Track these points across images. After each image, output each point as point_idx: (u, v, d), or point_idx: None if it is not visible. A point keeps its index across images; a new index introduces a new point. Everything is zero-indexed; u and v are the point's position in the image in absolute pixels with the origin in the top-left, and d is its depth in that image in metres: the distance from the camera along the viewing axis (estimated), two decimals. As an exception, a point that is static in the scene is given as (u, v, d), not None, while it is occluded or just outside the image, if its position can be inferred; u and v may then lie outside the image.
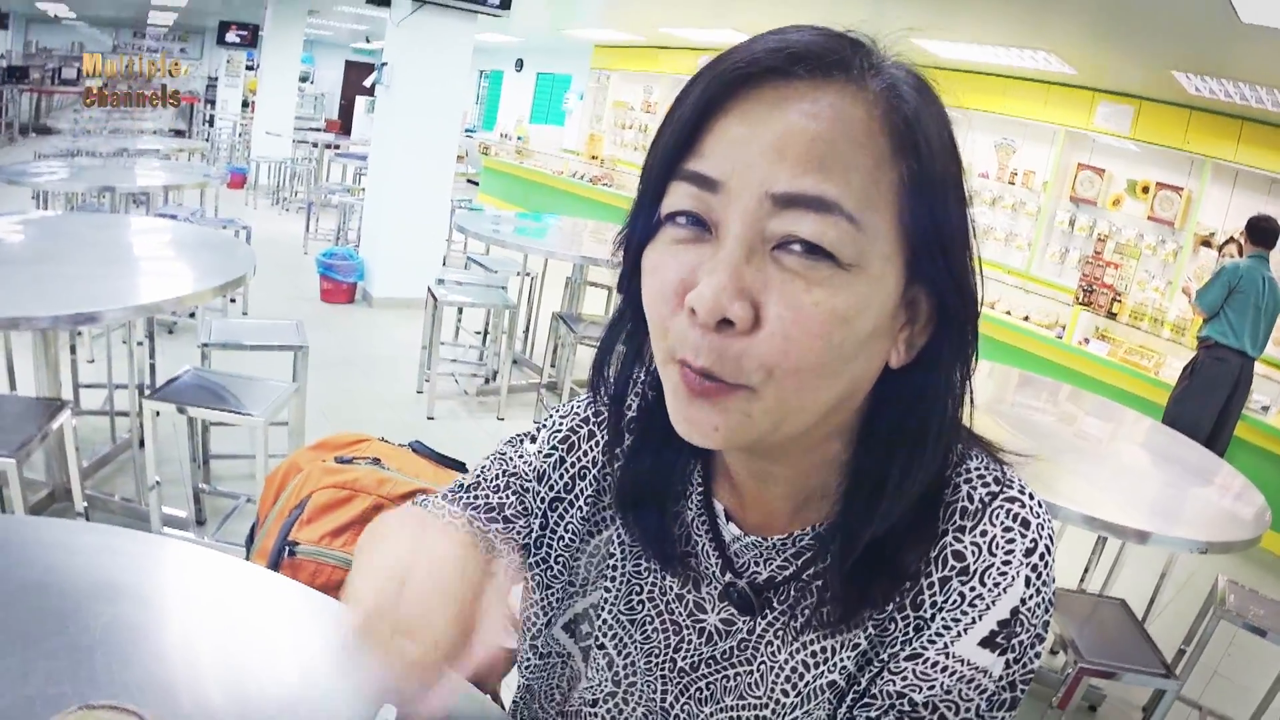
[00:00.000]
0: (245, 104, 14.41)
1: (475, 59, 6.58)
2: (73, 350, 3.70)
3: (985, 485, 0.65)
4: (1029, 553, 0.63)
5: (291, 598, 1.05)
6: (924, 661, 0.63)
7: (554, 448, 0.81)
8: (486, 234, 4.82)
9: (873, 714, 0.64)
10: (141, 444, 3.28)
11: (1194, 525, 2.23)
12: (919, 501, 0.64)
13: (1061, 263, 6.98)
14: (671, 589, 0.76)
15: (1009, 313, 6.45)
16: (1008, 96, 7.12)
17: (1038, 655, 0.64)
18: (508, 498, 0.81)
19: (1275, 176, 5.52)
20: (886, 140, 0.56)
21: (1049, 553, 0.64)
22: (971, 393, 0.65)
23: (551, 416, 0.83)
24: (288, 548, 1.17)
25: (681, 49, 10.53)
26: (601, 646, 0.79)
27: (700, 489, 0.74)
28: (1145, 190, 6.32)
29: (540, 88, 15.84)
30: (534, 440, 0.83)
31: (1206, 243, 5.77)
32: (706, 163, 0.57)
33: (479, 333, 5.60)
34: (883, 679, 0.65)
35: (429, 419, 4.53)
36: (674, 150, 0.59)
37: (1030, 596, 0.63)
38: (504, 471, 0.83)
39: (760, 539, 0.70)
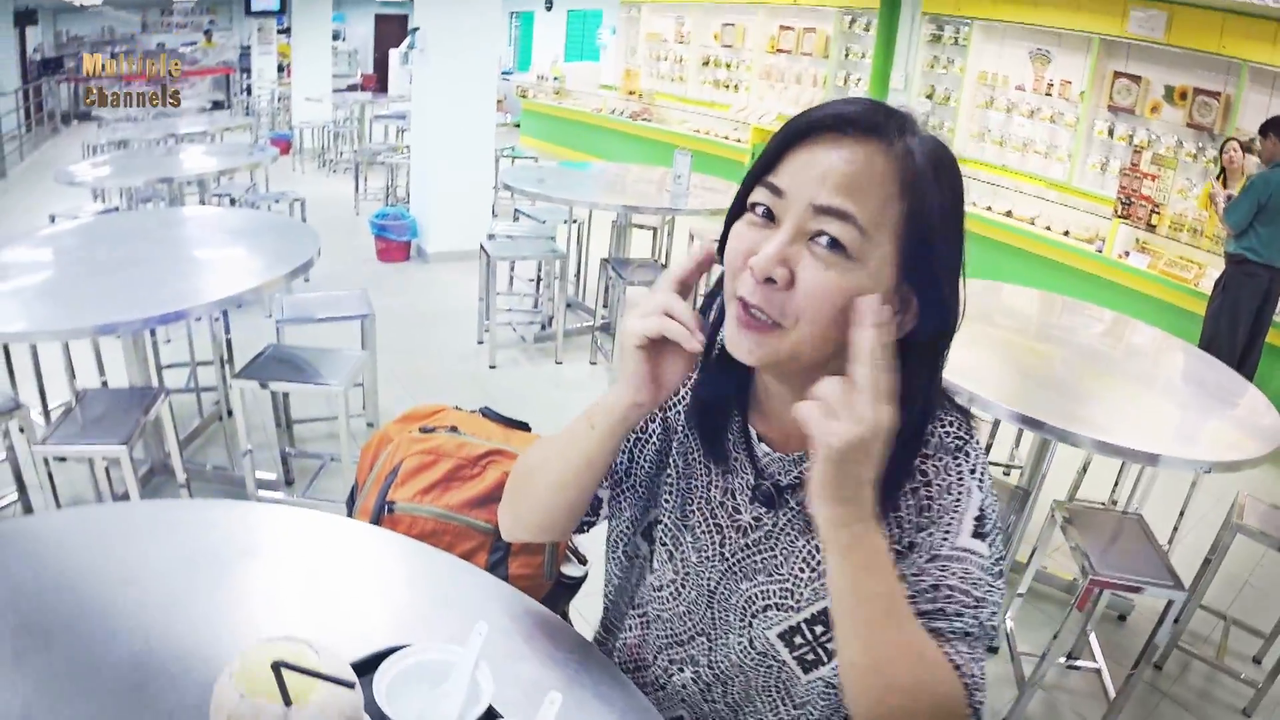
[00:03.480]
0: (280, 69, 14.61)
1: (504, 1, 6.67)
2: (152, 333, 4.00)
3: (943, 426, 0.93)
4: (972, 471, 0.93)
5: (396, 546, 1.31)
6: (939, 558, 0.90)
7: None
8: (532, 189, 4.99)
9: (922, 606, 0.89)
10: (230, 413, 3.59)
11: (1202, 446, 2.34)
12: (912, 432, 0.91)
13: (1102, 173, 6.94)
14: (715, 498, 1.03)
15: (1049, 228, 6.48)
16: (1039, 6, 7.03)
17: (1001, 539, 0.96)
18: None
19: (1315, 76, 5.45)
20: (895, 185, 0.82)
21: (981, 468, 0.94)
22: (944, 365, 0.93)
23: None
24: (387, 506, 1.42)
25: (710, -24, 10.47)
26: (665, 545, 1.07)
27: (739, 419, 1.01)
28: (1183, 96, 6.24)
29: (572, 25, 15.78)
30: None
31: (1246, 148, 5.72)
32: (778, 178, 0.84)
33: (532, 280, 5.82)
34: (914, 580, 0.90)
35: (491, 368, 4.79)
36: (762, 168, 0.87)
37: (984, 499, 0.92)
38: None
39: (783, 455, 0.98)
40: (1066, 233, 6.39)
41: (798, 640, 1.00)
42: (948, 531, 0.90)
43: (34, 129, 12.47)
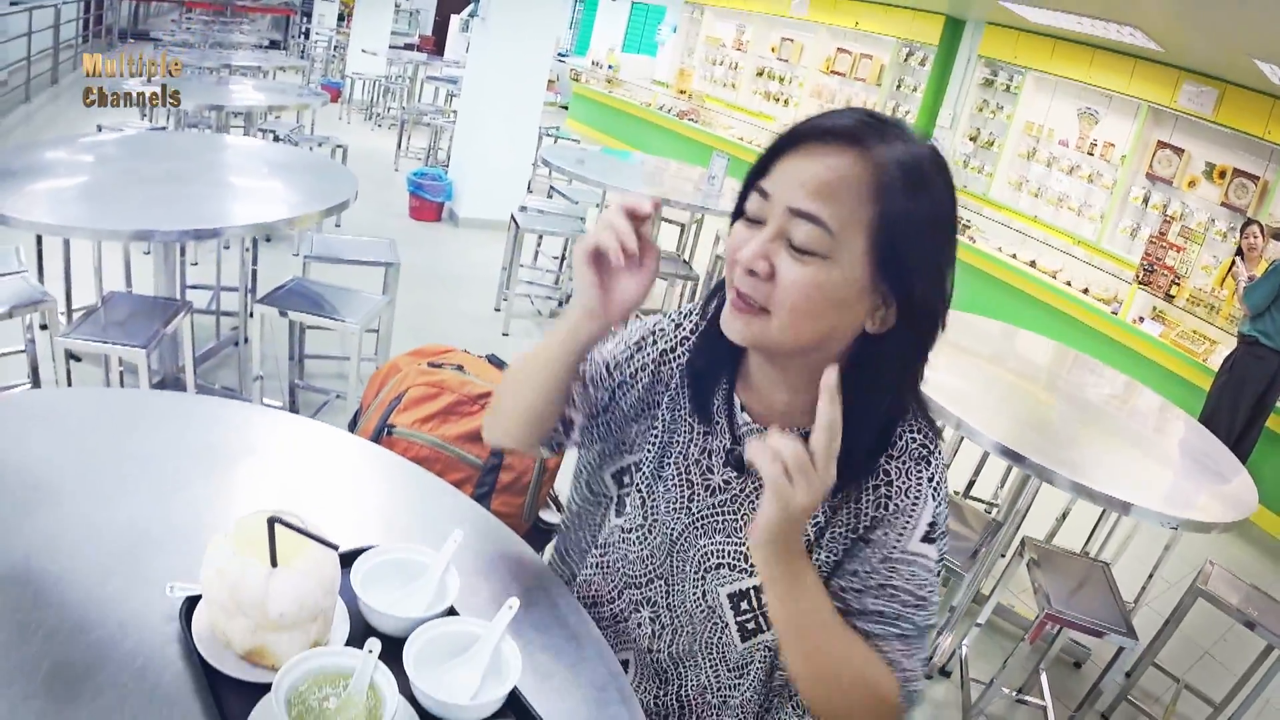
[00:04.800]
0: (341, 18, 14.72)
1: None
2: (182, 252, 4.09)
3: (910, 432, 1.03)
4: (931, 479, 1.03)
5: (389, 462, 1.39)
6: (891, 560, 1.02)
7: (627, 348, 1.18)
8: (569, 168, 5.07)
9: (868, 600, 1.02)
10: (246, 340, 3.69)
11: (1173, 504, 2.38)
12: (881, 430, 1.02)
13: (1132, 238, 6.99)
14: (692, 455, 1.11)
15: (1069, 283, 6.52)
16: (1093, 66, 7.08)
17: (946, 545, 1.07)
18: (592, 371, 1.17)
19: (1355, 172, 5.48)
20: (868, 190, 0.89)
21: (937, 476, 1.04)
22: (924, 368, 1.01)
23: (628, 329, 1.20)
24: (387, 429, 1.51)
25: (773, -11, 10.54)
26: (639, 490, 1.15)
27: (726, 386, 1.10)
28: (1222, 175, 6.29)
29: (634, 18, 15.88)
30: (608, 344, 1.19)
31: (1277, 235, 5.75)
32: (767, 183, 0.94)
33: (556, 258, 5.91)
34: (865, 575, 1.03)
35: (504, 335, 4.88)
36: (757, 172, 0.96)
37: (937, 507, 1.03)
38: (592, 358, 1.18)
39: (761, 426, 1.08)
40: (1086, 290, 6.43)
41: (744, 606, 1.09)
42: (901, 534, 1.01)
43: (90, 41, 12.59)
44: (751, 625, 1.10)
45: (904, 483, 1.01)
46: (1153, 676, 3.04)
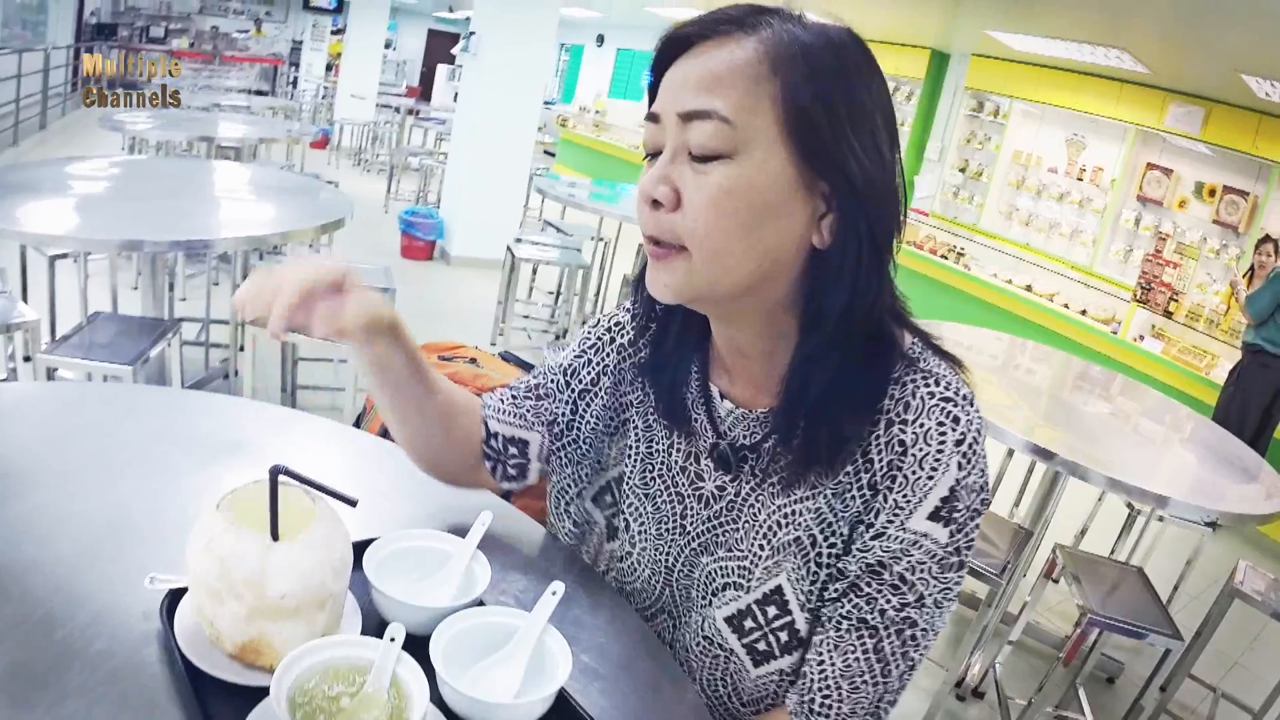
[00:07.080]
0: (328, 67, 14.81)
1: (557, 32, 6.80)
2: (170, 288, 4.00)
3: (928, 386, 0.81)
4: (959, 443, 0.79)
5: (399, 455, 1.27)
6: (887, 537, 0.81)
7: (582, 352, 1.04)
8: (564, 196, 5.02)
9: (853, 579, 0.83)
10: (236, 373, 3.58)
11: (1208, 498, 2.31)
12: (861, 384, 0.82)
13: (1125, 261, 6.97)
14: (676, 463, 0.96)
15: (1067, 305, 6.49)
16: (1080, 92, 7.12)
17: (976, 527, 0.83)
18: (545, 382, 1.05)
19: (1348, 184, 5.48)
20: (764, 65, 0.74)
21: (977, 443, 0.81)
22: (888, 281, 0.82)
23: (582, 331, 1.06)
24: (394, 425, 1.40)
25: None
26: (623, 514, 1.01)
27: (698, 377, 0.94)
28: (1212, 193, 6.29)
29: (620, 63, 15.98)
30: (566, 348, 1.07)
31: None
32: (655, 105, 0.80)
33: (552, 292, 5.85)
34: (857, 554, 0.83)
35: (499, 370, 4.77)
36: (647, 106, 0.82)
37: (963, 478, 0.80)
38: (546, 366, 1.07)
39: (747, 411, 0.91)
40: (1084, 311, 6.40)
41: (748, 624, 0.91)
42: (902, 508, 0.80)
43: (79, 88, 12.60)
44: (762, 647, 0.90)
45: (921, 449, 0.79)
46: (1188, 689, 2.93)
